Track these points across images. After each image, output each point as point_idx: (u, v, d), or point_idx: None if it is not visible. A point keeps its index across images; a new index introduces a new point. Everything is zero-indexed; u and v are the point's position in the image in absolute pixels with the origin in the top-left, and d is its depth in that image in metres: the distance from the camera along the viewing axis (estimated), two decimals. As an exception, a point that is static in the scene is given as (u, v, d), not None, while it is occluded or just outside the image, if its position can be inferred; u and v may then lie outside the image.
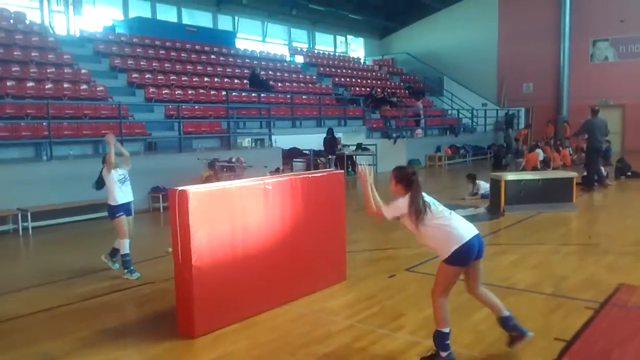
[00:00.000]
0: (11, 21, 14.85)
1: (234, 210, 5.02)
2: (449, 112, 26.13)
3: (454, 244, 3.94)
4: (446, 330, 4.05)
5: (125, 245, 6.64)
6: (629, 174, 15.15)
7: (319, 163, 16.57)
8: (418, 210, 3.99)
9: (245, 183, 5.40)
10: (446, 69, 27.91)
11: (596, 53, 25.01)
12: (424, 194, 4.11)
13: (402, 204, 4.09)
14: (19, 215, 9.51)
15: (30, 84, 12.62)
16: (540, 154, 17.31)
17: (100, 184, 6.86)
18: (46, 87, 12.76)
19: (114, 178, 6.66)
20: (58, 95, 12.72)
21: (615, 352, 4.31)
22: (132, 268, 6.63)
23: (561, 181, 10.97)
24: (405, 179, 4.12)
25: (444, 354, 4.02)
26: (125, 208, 6.76)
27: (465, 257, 3.98)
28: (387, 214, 4.17)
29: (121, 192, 6.71)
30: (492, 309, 4.18)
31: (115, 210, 6.70)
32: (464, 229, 4.01)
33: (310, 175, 6.07)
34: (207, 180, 10.79)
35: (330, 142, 17.55)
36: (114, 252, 6.89)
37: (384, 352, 4.38)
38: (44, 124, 11.29)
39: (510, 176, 11.12)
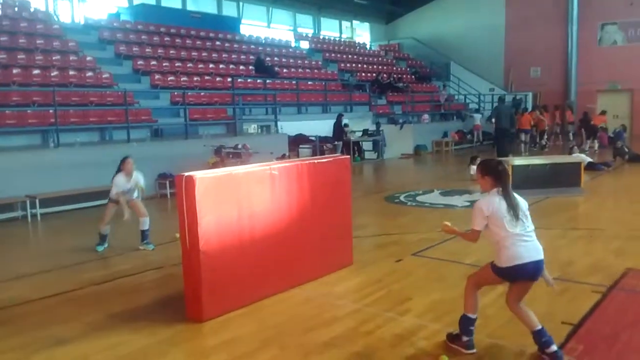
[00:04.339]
0: (16, 9, 14.87)
1: (240, 195, 5.03)
2: (456, 97, 25.99)
3: (508, 261, 3.78)
4: (473, 316, 4.04)
5: (102, 229, 7.25)
6: (628, 157, 15.19)
7: (325, 149, 16.55)
8: (515, 209, 3.74)
9: (251, 168, 5.41)
10: (453, 53, 27.75)
11: (604, 37, 24.76)
12: (515, 194, 3.85)
13: (487, 204, 3.81)
14: (28, 202, 9.58)
15: (36, 71, 12.65)
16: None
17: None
18: (52, 74, 12.78)
19: (120, 184, 7.10)
20: (64, 83, 12.74)
21: (623, 336, 4.31)
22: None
23: (569, 166, 10.93)
24: (494, 171, 3.86)
25: (465, 339, 4.04)
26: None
27: (511, 276, 3.86)
28: (476, 226, 3.87)
29: (119, 195, 7.15)
30: (525, 325, 3.94)
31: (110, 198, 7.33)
32: (527, 250, 3.77)
33: (316, 161, 6.07)
34: (213, 166, 10.82)
35: (339, 128, 17.55)
36: (143, 235, 7.26)
37: (391, 336, 4.40)
38: (51, 111, 11.33)
39: (518, 161, 11.08)
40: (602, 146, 18.92)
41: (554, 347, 3.86)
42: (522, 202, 3.87)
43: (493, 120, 16.69)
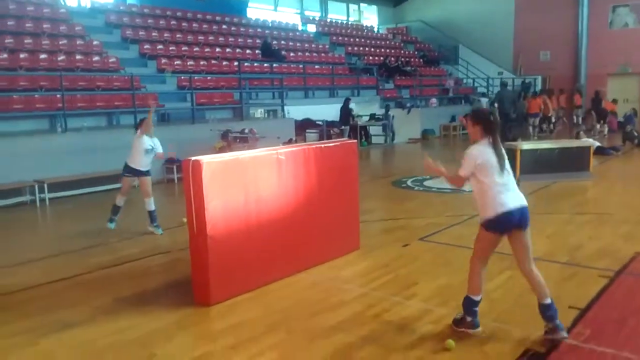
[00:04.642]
0: (22, -8, 14.80)
1: (247, 180, 5.02)
2: (464, 80, 25.78)
3: (494, 208, 3.85)
4: (476, 298, 4.06)
5: (117, 200, 7.33)
6: (637, 141, 15.05)
7: (332, 134, 16.50)
8: (502, 159, 3.85)
9: (258, 153, 5.40)
10: (461, 36, 27.42)
11: (616, 19, 24.37)
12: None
13: (477, 152, 3.89)
14: (36, 186, 9.63)
15: (42, 55, 12.63)
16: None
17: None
18: (59, 59, 12.77)
19: (142, 143, 7.11)
20: (71, 67, 12.73)
21: (631, 321, 4.29)
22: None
23: (577, 150, 10.84)
24: (485, 121, 3.93)
25: (469, 319, 4.07)
26: (134, 171, 7.27)
27: (501, 225, 3.90)
28: (464, 172, 3.93)
29: (140, 158, 7.15)
30: (535, 292, 3.99)
31: (125, 170, 7.30)
32: (510, 198, 3.88)
33: (323, 145, 6.04)
34: (220, 151, 10.82)
35: (346, 112, 17.49)
36: (152, 217, 7.28)
37: (397, 320, 4.41)
38: (58, 96, 11.34)
39: (526, 145, 11.00)
40: (611, 130, 18.75)
41: (557, 321, 3.92)
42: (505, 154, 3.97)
43: (496, 104, 16.99)
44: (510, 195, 3.90)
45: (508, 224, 3.90)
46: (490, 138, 3.92)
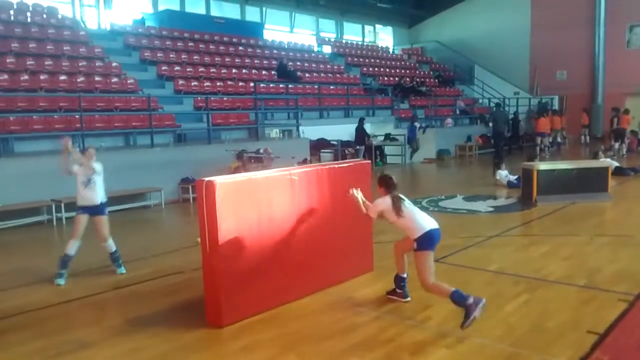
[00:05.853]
0: (44, 16, 15.19)
1: (260, 200, 5.02)
2: (480, 101, 25.73)
3: (418, 232, 4.82)
4: (452, 289, 4.62)
5: (68, 246, 6.33)
6: None
7: (347, 154, 16.51)
8: (397, 208, 4.94)
9: (271, 174, 5.40)
10: (477, 57, 27.46)
11: (633, 39, 24.25)
12: (400, 194, 5.01)
13: (381, 202, 5.04)
14: (53, 206, 9.73)
15: (62, 77, 12.87)
16: None
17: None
18: (78, 80, 12.99)
19: (77, 177, 6.41)
20: (90, 89, 12.94)
21: (651, 346, 4.19)
22: (61, 272, 6.21)
23: (595, 170, 10.70)
24: (385, 183, 5.09)
25: (469, 301, 4.44)
26: (85, 210, 6.48)
27: (428, 242, 4.83)
28: (372, 214, 5.09)
29: (82, 193, 6.44)
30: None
31: (77, 208, 6.53)
32: (425, 222, 4.91)
33: (336, 166, 6.04)
34: (235, 171, 10.84)
35: (361, 132, 17.52)
36: (113, 258, 6.64)
37: (411, 343, 4.34)
38: (77, 116, 11.51)
39: (543, 166, 10.90)
40: (630, 150, 18.51)
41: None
42: (407, 201, 5.06)
43: (490, 124, 17.74)
44: (422, 220, 4.94)
45: (433, 240, 4.86)
46: (391, 195, 4.98)
